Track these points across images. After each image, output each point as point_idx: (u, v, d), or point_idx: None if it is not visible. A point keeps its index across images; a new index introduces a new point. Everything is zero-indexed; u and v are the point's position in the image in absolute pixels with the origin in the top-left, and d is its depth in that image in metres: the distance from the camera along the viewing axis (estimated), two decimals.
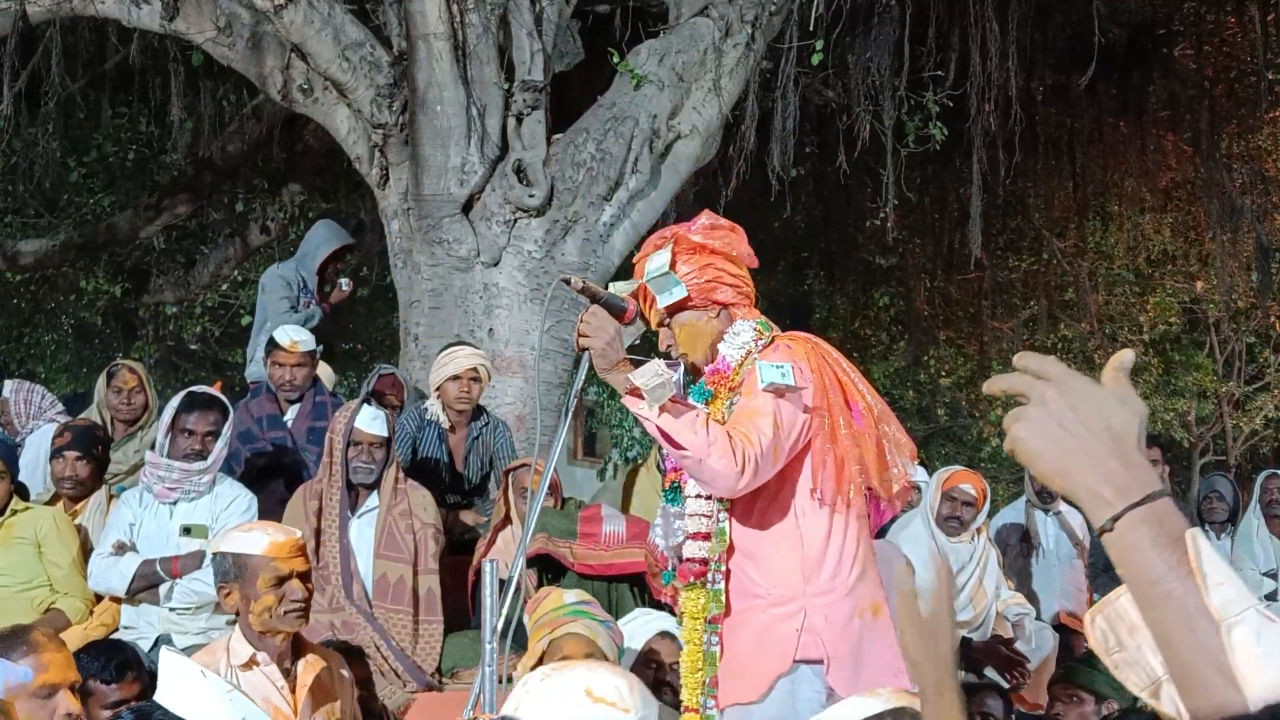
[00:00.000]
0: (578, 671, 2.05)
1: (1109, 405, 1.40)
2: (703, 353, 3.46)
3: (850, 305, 13.76)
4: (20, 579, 5.10)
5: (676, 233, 3.49)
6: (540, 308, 6.98)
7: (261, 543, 3.73)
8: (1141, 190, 11.14)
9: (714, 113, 7.46)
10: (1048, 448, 1.40)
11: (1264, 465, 14.31)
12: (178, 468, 5.09)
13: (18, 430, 6.31)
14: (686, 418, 3.18)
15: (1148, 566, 1.34)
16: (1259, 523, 7.44)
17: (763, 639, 3.31)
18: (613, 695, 1.99)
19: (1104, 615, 1.51)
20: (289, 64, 7.43)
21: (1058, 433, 1.39)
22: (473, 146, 7.07)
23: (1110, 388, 1.42)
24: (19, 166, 10.70)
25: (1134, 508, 1.35)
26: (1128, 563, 1.36)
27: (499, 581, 3.11)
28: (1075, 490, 1.39)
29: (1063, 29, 9.25)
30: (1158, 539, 1.34)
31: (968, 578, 6.08)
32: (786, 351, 3.36)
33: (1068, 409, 1.40)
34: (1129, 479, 1.37)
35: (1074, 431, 1.39)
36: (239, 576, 3.69)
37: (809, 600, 3.32)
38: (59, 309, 13.10)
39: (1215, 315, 16.47)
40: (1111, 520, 1.36)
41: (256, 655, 3.66)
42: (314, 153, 10.49)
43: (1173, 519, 1.36)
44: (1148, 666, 1.44)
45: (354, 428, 5.22)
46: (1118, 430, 1.38)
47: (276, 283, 7.29)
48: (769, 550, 3.35)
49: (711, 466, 3.17)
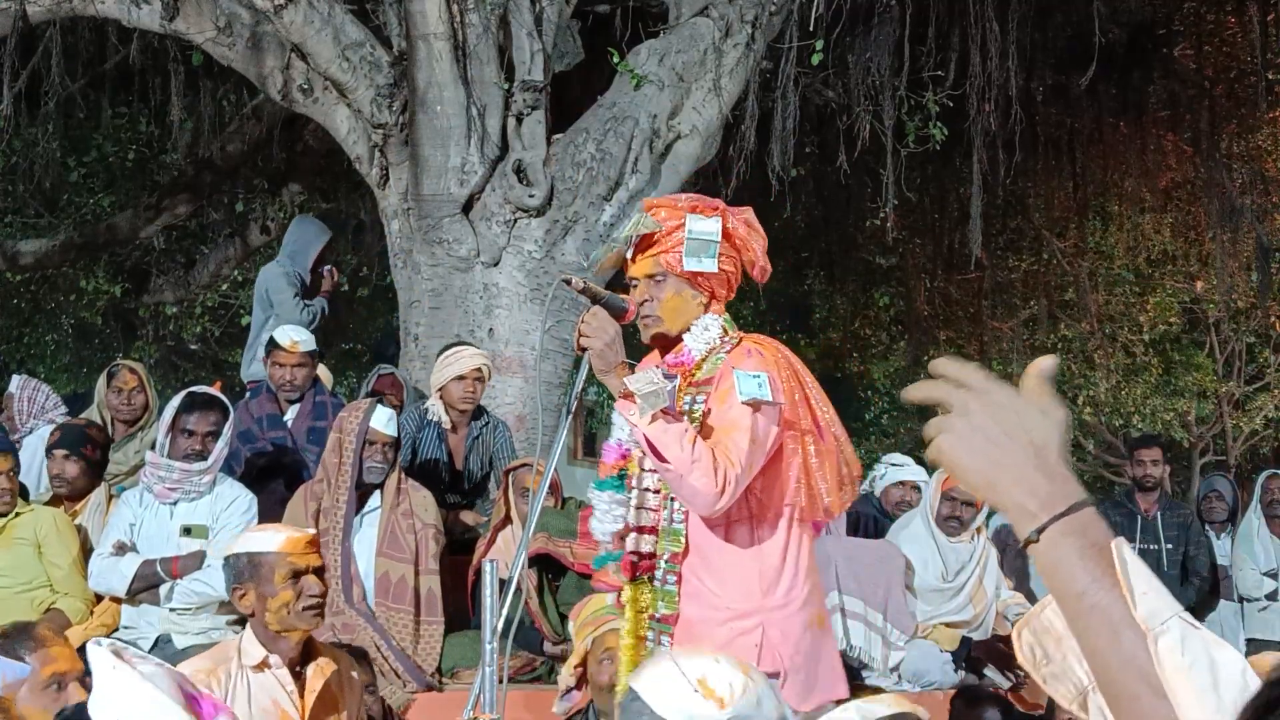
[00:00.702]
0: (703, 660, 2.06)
1: (1029, 416, 1.39)
2: (677, 329, 3.40)
3: (850, 305, 13.76)
4: (20, 579, 5.10)
5: (724, 210, 3.42)
6: (540, 308, 6.98)
7: (276, 540, 3.72)
8: (1141, 190, 11.14)
9: (714, 113, 7.46)
10: (971, 460, 1.39)
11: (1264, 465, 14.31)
12: (178, 468, 5.09)
13: (18, 427, 6.31)
14: (675, 430, 3.15)
15: (1072, 578, 1.33)
16: (1259, 523, 7.44)
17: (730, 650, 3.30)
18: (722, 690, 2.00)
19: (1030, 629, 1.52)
20: (289, 64, 7.43)
21: (981, 444, 1.38)
22: (473, 146, 7.07)
23: (1031, 397, 1.41)
24: (19, 166, 10.70)
25: (1057, 519, 1.34)
26: (1053, 575, 1.35)
27: (499, 581, 3.10)
28: (1000, 502, 1.38)
29: (1063, 29, 9.25)
30: (1083, 550, 1.33)
31: (968, 578, 6.08)
32: (759, 359, 3.33)
33: (990, 420, 1.38)
34: (1051, 490, 1.36)
35: (996, 443, 1.37)
36: (254, 575, 3.66)
37: (767, 614, 3.31)
38: (59, 309, 13.10)
39: (1215, 315, 16.46)
40: (1036, 532, 1.35)
41: (269, 657, 3.64)
42: (314, 153, 10.49)
43: (1097, 529, 1.35)
44: (1075, 678, 1.45)
45: (369, 427, 5.24)
46: (1039, 442, 1.37)
47: (281, 280, 7.26)
48: (729, 561, 3.32)
49: (692, 484, 3.16)
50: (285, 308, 7.19)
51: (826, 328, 14.82)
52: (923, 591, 6.01)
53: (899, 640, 5.73)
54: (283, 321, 7.14)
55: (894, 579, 5.79)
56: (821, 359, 15.49)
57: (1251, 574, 7.39)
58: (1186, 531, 7.35)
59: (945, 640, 5.99)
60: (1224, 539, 7.61)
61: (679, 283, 3.38)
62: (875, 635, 5.71)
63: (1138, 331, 15.79)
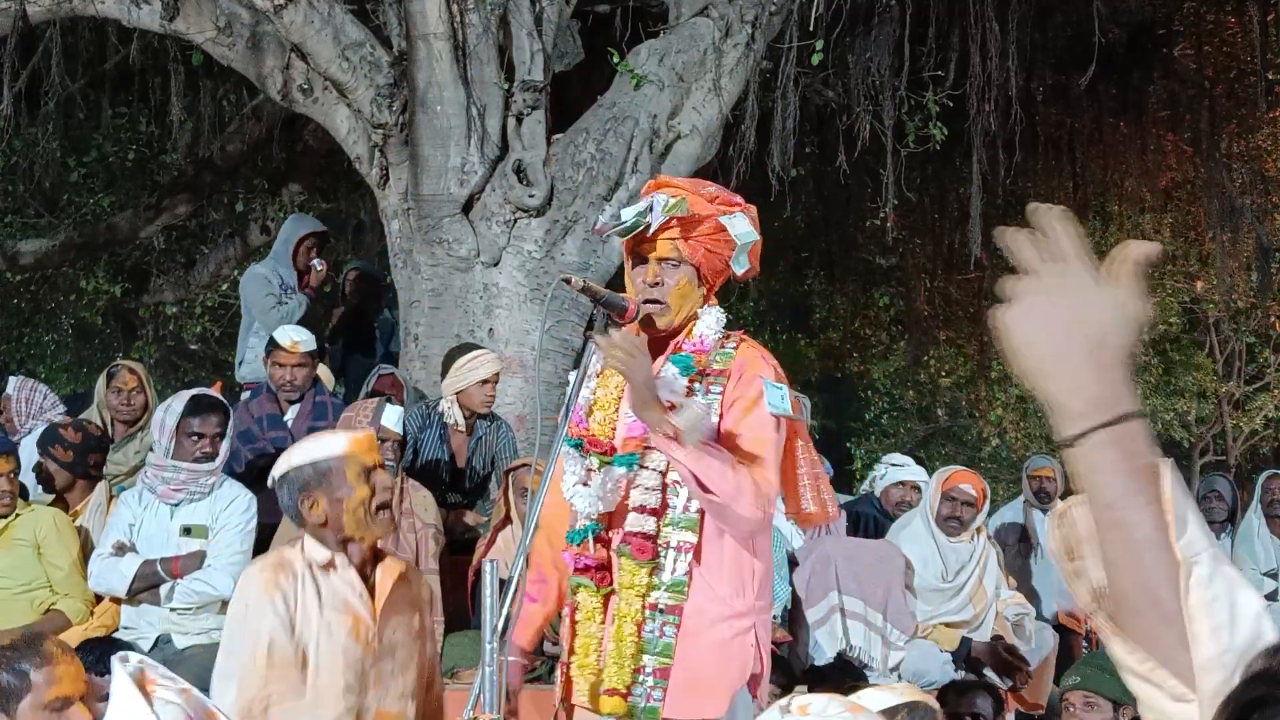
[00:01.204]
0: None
1: (1103, 306, 1.31)
2: (680, 319, 3.36)
3: (850, 305, 13.75)
4: (20, 580, 5.10)
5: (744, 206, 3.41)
6: (540, 308, 6.98)
7: (339, 443, 3.64)
8: (1141, 190, 11.13)
9: (714, 113, 7.46)
10: (1029, 341, 1.32)
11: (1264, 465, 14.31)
12: (185, 469, 5.10)
13: (16, 428, 6.31)
14: (717, 462, 3.12)
15: (1104, 489, 1.30)
16: (1260, 523, 7.45)
17: (725, 653, 3.28)
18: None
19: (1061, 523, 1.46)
20: (289, 64, 7.43)
21: (1044, 326, 1.31)
22: (473, 146, 7.07)
23: (1114, 285, 1.32)
24: (19, 166, 10.70)
25: (1102, 428, 1.29)
26: (1086, 481, 1.31)
27: (499, 581, 3.10)
28: (1046, 394, 1.32)
29: (1063, 29, 9.25)
30: (1117, 463, 1.29)
31: (968, 578, 6.09)
32: (770, 366, 3.33)
33: (1061, 300, 1.32)
34: (1101, 394, 1.30)
35: (1059, 328, 1.31)
36: (322, 482, 3.57)
37: (756, 615, 3.34)
38: (59, 309, 13.10)
39: (1215, 315, 16.46)
40: (1076, 436, 1.30)
41: (335, 558, 3.59)
42: (314, 153, 10.48)
43: (1138, 444, 1.30)
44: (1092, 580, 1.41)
45: (380, 425, 5.26)
46: (1103, 337, 1.30)
47: (256, 281, 7.36)
48: (730, 561, 3.31)
49: (737, 512, 3.15)
50: (258, 309, 7.26)
51: (826, 328, 14.81)
52: (923, 591, 6.01)
53: (899, 640, 5.73)
54: (260, 324, 7.20)
55: (894, 579, 5.79)
56: (821, 359, 15.51)
57: (1251, 574, 7.39)
58: None
59: (945, 640, 5.99)
60: (1224, 539, 7.61)
61: (691, 271, 3.34)
62: (875, 635, 5.71)
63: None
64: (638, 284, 3.35)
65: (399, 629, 3.64)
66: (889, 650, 5.71)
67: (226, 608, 5.11)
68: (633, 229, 3.28)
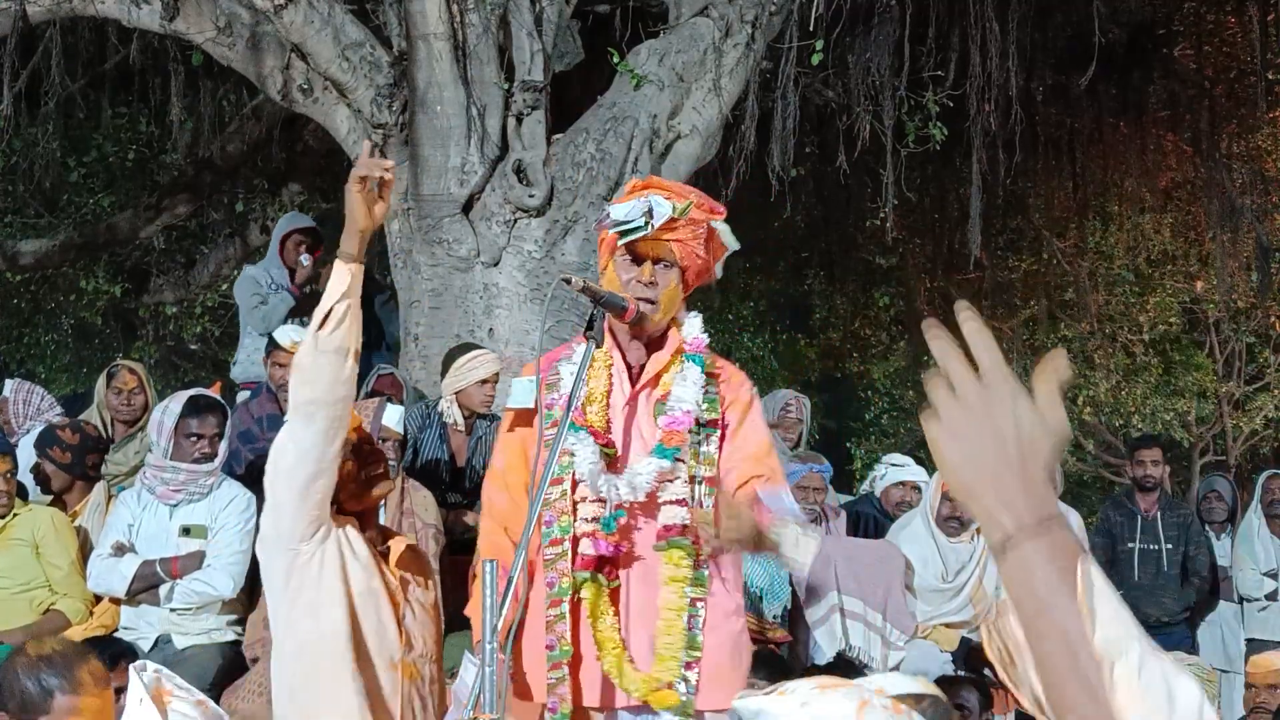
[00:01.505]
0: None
1: (1027, 421, 1.33)
2: (665, 320, 3.44)
3: (850, 305, 13.75)
4: (19, 580, 5.10)
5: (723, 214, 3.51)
6: (540, 308, 6.97)
7: None
8: (1141, 190, 11.14)
9: (714, 113, 7.46)
10: (956, 455, 1.34)
11: (1264, 465, 14.31)
12: (185, 470, 5.10)
13: (14, 430, 6.31)
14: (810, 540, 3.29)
15: (1034, 595, 1.31)
16: (1260, 523, 7.44)
17: (737, 645, 3.42)
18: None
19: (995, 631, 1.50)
20: (289, 64, 7.43)
21: (969, 441, 1.33)
22: (473, 146, 7.08)
23: (1038, 400, 1.35)
24: (19, 166, 10.70)
25: (1026, 534, 1.31)
26: (1016, 588, 1.32)
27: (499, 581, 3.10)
28: (973, 506, 1.34)
29: (1063, 29, 9.25)
30: (1046, 567, 1.30)
31: (968, 578, 6.09)
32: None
33: (985, 415, 1.33)
34: (1026, 503, 1.32)
35: (984, 443, 1.32)
36: None
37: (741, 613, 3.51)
38: (59, 309, 13.09)
39: (1215, 315, 16.45)
40: (1003, 545, 1.32)
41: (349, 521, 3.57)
42: (314, 153, 10.49)
43: (1064, 547, 1.31)
44: (1033, 685, 1.43)
45: (381, 425, 5.26)
46: (1027, 450, 1.32)
47: (245, 282, 7.45)
48: (731, 556, 3.43)
49: None
50: (243, 310, 7.30)
51: (826, 328, 14.82)
52: (923, 592, 6.01)
53: (899, 640, 5.74)
54: (247, 323, 7.23)
55: (894, 579, 5.79)
56: (821, 359, 15.51)
57: (1251, 574, 7.39)
58: (1186, 531, 7.36)
59: (945, 641, 5.99)
60: (1224, 539, 7.61)
61: (679, 273, 3.42)
62: (875, 635, 5.72)
63: (1138, 332, 15.78)
64: (630, 282, 3.39)
65: (415, 588, 3.62)
66: (889, 650, 5.71)
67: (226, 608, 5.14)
68: (637, 230, 3.33)
